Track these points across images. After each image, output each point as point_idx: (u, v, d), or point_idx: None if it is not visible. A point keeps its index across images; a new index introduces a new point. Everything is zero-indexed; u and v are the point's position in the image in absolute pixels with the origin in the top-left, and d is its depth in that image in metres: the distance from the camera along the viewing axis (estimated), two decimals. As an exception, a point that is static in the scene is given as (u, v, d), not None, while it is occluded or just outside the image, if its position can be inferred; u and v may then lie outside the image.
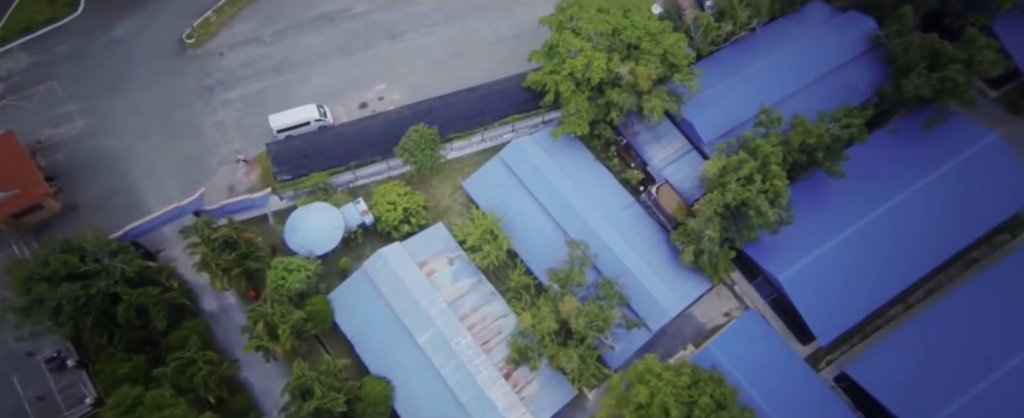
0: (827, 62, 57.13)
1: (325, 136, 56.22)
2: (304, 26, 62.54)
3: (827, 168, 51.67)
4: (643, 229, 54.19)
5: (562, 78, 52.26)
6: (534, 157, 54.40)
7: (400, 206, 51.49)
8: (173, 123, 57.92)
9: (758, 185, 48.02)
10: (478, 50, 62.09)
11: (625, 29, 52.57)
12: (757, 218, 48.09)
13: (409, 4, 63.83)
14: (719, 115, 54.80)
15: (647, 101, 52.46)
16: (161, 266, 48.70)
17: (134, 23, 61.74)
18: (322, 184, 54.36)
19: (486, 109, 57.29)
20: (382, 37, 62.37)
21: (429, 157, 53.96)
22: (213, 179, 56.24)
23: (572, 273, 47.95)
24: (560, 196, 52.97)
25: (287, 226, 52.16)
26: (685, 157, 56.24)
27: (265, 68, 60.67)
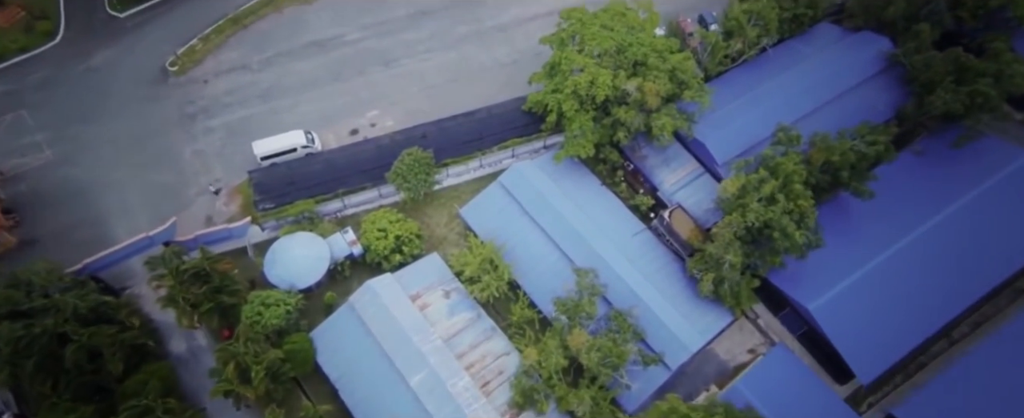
0: (842, 81, 52.86)
1: (312, 163, 51.08)
2: (294, 53, 58.36)
3: (853, 189, 46.48)
4: (656, 257, 48.43)
5: (565, 97, 47.60)
6: (536, 181, 49.16)
7: (391, 233, 45.82)
8: (149, 152, 52.79)
9: (782, 205, 42.68)
10: (475, 76, 57.79)
11: (630, 46, 48.30)
12: (782, 241, 42.53)
13: (404, 31, 59.92)
14: (732, 135, 49.99)
15: (656, 120, 47.69)
16: (121, 302, 42.65)
17: (114, 52, 57.49)
18: (307, 212, 48.82)
19: (484, 134, 52.46)
20: (375, 64, 58.14)
21: (423, 182, 48.63)
22: (190, 209, 50.70)
23: (581, 303, 41.92)
24: (565, 222, 47.45)
25: (267, 257, 46.34)
26: (698, 181, 51.05)
27: (251, 95, 56.09)
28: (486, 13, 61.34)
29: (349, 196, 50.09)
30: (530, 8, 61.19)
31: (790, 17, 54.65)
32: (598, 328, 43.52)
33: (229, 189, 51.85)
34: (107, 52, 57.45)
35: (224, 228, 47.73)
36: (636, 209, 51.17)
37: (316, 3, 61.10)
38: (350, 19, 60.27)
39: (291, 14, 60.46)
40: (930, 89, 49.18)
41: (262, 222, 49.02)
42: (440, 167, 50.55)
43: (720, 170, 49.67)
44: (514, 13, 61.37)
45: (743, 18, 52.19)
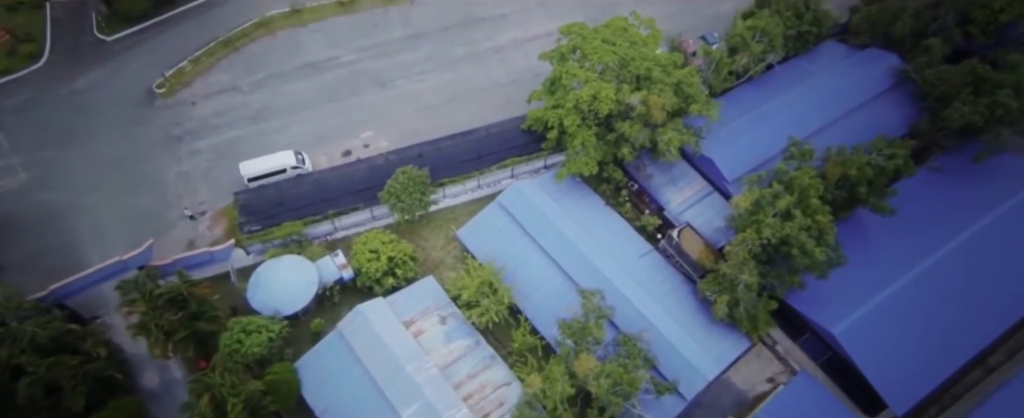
0: (852, 98, 50.44)
1: (302, 184, 47.90)
2: (287, 75, 55.85)
3: (872, 205, 43.38)
4: (666, 280, 44.86)
5: (566, 111, 44.88)
6: (537, 201, 45.95)
7: (384, 255, 42.28)
8: (130, 175, 49.56)
9: (799, 221, 39.43)
10: (473, 96, 55.22)
11: (633, 60, 45.87)
12: (802, 258, 39.14)
13: (399, 53, 57.65)
14: (742, 151, 47.12)
15: (661, 134, 44.92)
16: (88, 330, 38.57)
17: (99, 74, 54.88)
18: (296, 235, 45.39)
19: (482, 153, 49.53)
20: (370, 85, 55.61)
21: (418, 202, 45.32)
22: (171, 234, 47.20)
23: (588, 326, 38.13)
24: (568, 243, 44.04)
25: (251, 282, 42.66)
26: (706, 200, 47.92)
27: (240, 116, 53.27)
28: (483, 35, 59.26)
29: (340, 218, 46.74)
30: (529, 30, 59.18)
31: (795, 35, 52.55)
32: (606, 354, 39.66)
33: (214, 212, 48.48)
34: (92, 75, 54.82)
35: (205, 251, 44.12)
36: (642, 230, 47.87)
37: (310, 25, 58.96)
38: (345, 41, 58.06)
39: (284, 37, 58.23)
40: (946, 102, 46.68)
41: (247, 245, 45.47)
42: (436, 187, 47.37)
43: (730, 188, 46.61)
44: (512, 35, 59.32)
45: (747, 34, 49.99)
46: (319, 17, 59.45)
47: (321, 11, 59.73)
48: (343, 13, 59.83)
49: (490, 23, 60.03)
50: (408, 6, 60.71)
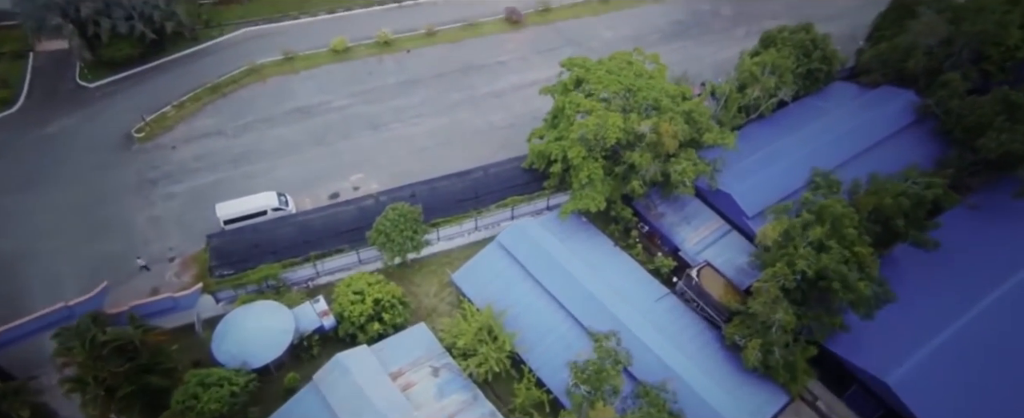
0: (872, 133, 46.86)
1: (283, 225, 43.03)
2: (275, 119, 52.36)
3: (913, 239, 38.61)
4: (687, 325, 39.16)
5: (571, 143, 40.82)
6: (541, 240, 40.99)
7: (369, 297, 36.73)
8: (95, 220, 44.75)
9: (837, 252, 34.47)
10: (469, 139, 51.51)
11: (640, 90, 42.37)
12: (844, 294, 33.85)
13: (394, 98, 54.55)
14: (760, 185, 42.79)
15: (674, 165, 40.72)
16: (11, 387, 32.10)
17: (75, 120, 51.38)
18: (272, 279, 39.97)
19: (480, 193, 45.05)
20: (362, 128, 52.02)
21: (410, 242, 40.31)
22: (133, 282, 41.69)
23: (605, 370, 32.08)
24: (577, 285, 38.69)
25: (217, 330, 36.90)
26: (725, 239, 43.06)
27: (222, 160, 49.18)
28: (481, 80, 56.53)
29: (323, 261, 41.50)
30: (527, 76, 56.53)
31: (804, 73, 49.67)
32: (624, 408, 33.42)
33: (184, 258, 43.21)
34: (67, 120, 51.24)
35: (168, 297, 38.52)
36: (656, 273, 42.61)
37: (302, 73, 56.29)
38: (337, 88, 55.13)
39: (275, 84, 55.32)
40: (978, 133, 43.00)
41: (217, 291, 39.90)
42: (430, 227, 42.49)
43: (750, 224, 41.85)
44: (510, 80, 56.63)
45: (756, 69, 47.01)
46: (312, 65, 56.90)
47: (314, 59, 57.26)
48: (337, 61, 57.36)
49: (488, 70, 57.49)
50: (404, 54, 58.36)
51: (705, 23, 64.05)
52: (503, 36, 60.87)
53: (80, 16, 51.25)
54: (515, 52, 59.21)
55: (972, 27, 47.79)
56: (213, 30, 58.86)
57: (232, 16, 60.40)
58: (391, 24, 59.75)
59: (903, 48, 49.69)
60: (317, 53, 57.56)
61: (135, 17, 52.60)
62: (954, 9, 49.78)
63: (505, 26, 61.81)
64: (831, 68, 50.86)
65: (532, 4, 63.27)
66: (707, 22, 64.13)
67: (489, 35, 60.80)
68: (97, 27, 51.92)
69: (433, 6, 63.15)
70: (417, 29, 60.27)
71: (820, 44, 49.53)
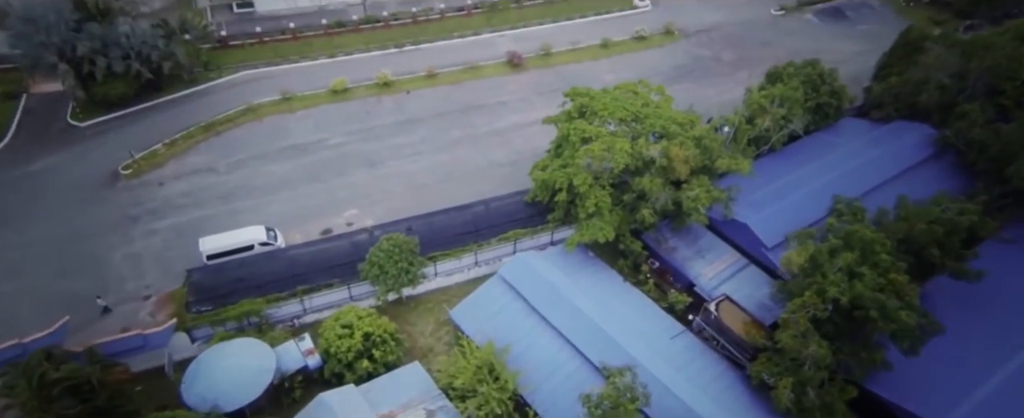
0: (890, 166, 44.58)
1: (270, 260, 39.93)
2: (269, 157, 50.09)
3: (952, 270, 35.30)
4: (707, 364, 35.26)
5: (576, 170, 38.27)
6: (546, 274, 37.66)
7: (359, 330, 33.01)
8: (69, 257, 41.55)
9: (871, 278, 31.18)
10: (470, 175, 49.02)
11: (648, 117, 40.36)
12: (884, 324, 30.28)
13: (392, 136, 52.54)
14: (778, 215, 39.91)
15: (687, 191, 37.96)
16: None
17: (61, 158, 49.03)
18: (255, 315, 36.35)
19: (480, 227, 42.06)
20: (358, 165, 49.66)
21: (406, 275, 36.96)
22: (102, 321, 37.92)
23: (621, 406, 28.02)
24: (586, 320, 35.10)
25: (189, 370, 33.08)
26: (743, 273, 39.75)
27: (211, 196, 46.50)
28: (481, 120, 54.72)
29: (311, 296, 37.96)
30: (528, 115, 54.63)
31: (813, 107, 47.83)
32: (645, 455, 29.12)
33: (160, 296, 39.68)
34: (53, 158, 48.89)
35: (137, 334, 34.74)
36: (670, 310, 39.00)
37: (299, 112, 54.54)
38: (335, 126, 53.21)
39: (271, 122, 53.43)
40: (1006, 161, 40.50)
41: (193, 328, 36.17)
42: (428, 259, 39.25)
43: (770, 256, 38.63)
44: (512, 120, 54.82)
45: (765, 101, 45.16)
46: (309, 104, 55.25)
47: (312, 99, 55.69)
48: (335, 101, 55.76)
49: (488, 109, 55.82)
50: (403, 95, 56.88)
51: (707, 67, 63.12)
52: (504, 78, 59.66)
53: (76, 55, 49.95)
54: (516, 93, 57.79)
55: (981, 63, 46.45)
56: (211, 72, 57.59)
57: (231, 60, 59.32)
58: (391, 67, 58.65)
59: (914, 82, 48.15)
60: (315, 94, 56.06)
61: (132, 56, 51.34)
62: (962, 45, 48.63)
63: (506, 69, 60.73)
64: (840, 103, 49.09)
65: (533, 49, 62.52)
66: (709, 66, 63.22)
67: (490, 77, 59.59)
68: (92, 65, 50.53)
69: (434, 51, 62.33)
70: (417, 72, 59.14)
71: (827, 78, 47.98)
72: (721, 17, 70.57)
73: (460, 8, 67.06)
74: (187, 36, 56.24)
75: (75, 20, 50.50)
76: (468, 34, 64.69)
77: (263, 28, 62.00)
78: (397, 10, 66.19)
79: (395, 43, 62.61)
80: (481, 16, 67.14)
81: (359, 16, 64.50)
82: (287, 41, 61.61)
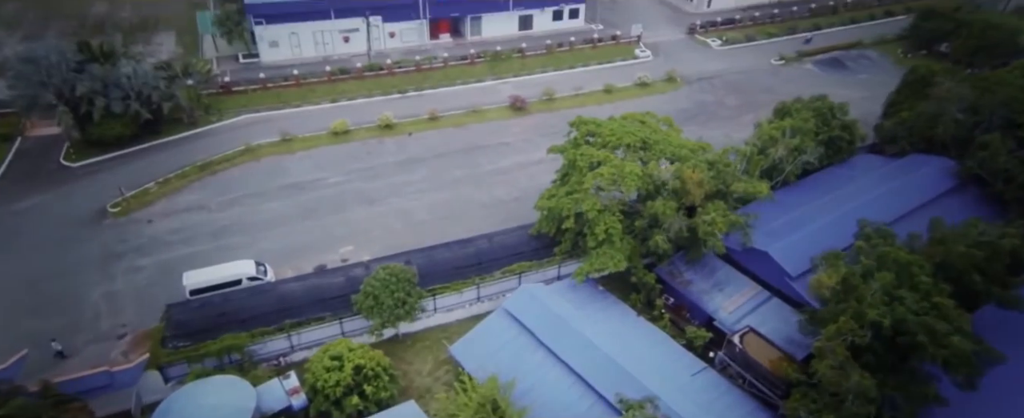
0: (912, 197, 42.07)
1: (258, 294, 36.75)
2: (265, 195, 47.94)
3: (998, 298, 32.00)
4: (734, 403, 31.39)
5: (584, 195, 35.83)
6: (554, 305, 34.41)
7: (350, 363, 29.48)
8: (44, 295, 38.53)
9: (912, 301, 28.06)
10: (472, 212, 46.59)
11: (657, 143, 38.35)
12: (935, 349, 26.83)
13: (392, 174, 50.57)
14: (801, 243, 36.98)
15: (702, 216, 35.27)
16: None
17: (49, 197, 46.90)
18: (237, 352, 32.86)
19: (483, 260, 39.15)
20: (357, 203, 47.37)
21: (402, 306, 33.74)
22: (69, 361, 34.41)
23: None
24: (599, 354, 31.59)
25: (158, 410, 29.30)
26: (765, 306, 36.36)
27: (201, 233, 43.91)
28: (485, 159, 52.92)
29: (300, 331, 34.53)
30: (532, 155, 52.93)
31: (825, 140, 45.92)
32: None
33: (136, 335, 36.18)
34: (40, 197, 46.72)
35: (102, 371, 31.14)
36: (689, 347, 35.40)
37: (299, 153, 52.87)
38: (334, 165, 51.39)
39: (270, 162, 51.65)
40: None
41: (168, 366, 32.59)
42: (428, 293, 36.10)
43: (795, 287, 35.40)
44: (515, 159, 53.03)
45: (776, 132, 43.31)
46: (309, 146, 53.67)
47: (312, 140, 54.18)
48: (335, 143, 54.22)
49: (492, 150, 54.16)
50: (405, 137, 55.39)
51: (711, 111, 62.01)
52: (507, 121, 58.41)
53: (75, 94, 48.74)
54: (519, 135, 56.32)
55: (994, 97, 45.01)
56: (212, 116, 56.40)
57: (233, 104, 58.30)
58: (394, 110, 57.57)
59: (928, 115, 46.54)
60: (316, 135, 54.62)
61: (132, 97, 50.15)
62: (974, 80, 47.44)
63: (509, 113, 59.60)
64: (853, 137, 47.24)
65: (536, 94, 61.68)
66: (713, 111, 62.13)
67: (493, 120, 58.37)
68: (90, 105, 49.23)
69: (437, 96, 61.50)
70: (420, 115, 57.99)
71: (838, 112, 46.36)
72: (722, 66, 70.37)
73: (463, 57, 66.85)
74: (190, 81, 55.43)
75: (77, 61, 49.64)
76: (471, 81, 64.15)
77: (266, 75, 61.43)
78: (401, 58, 65.99)
79: (398, 89, 61.87)
80: (484, 65, 66.82)
81: (363, 64, 64.14)
82: (290, 87, 60.85)
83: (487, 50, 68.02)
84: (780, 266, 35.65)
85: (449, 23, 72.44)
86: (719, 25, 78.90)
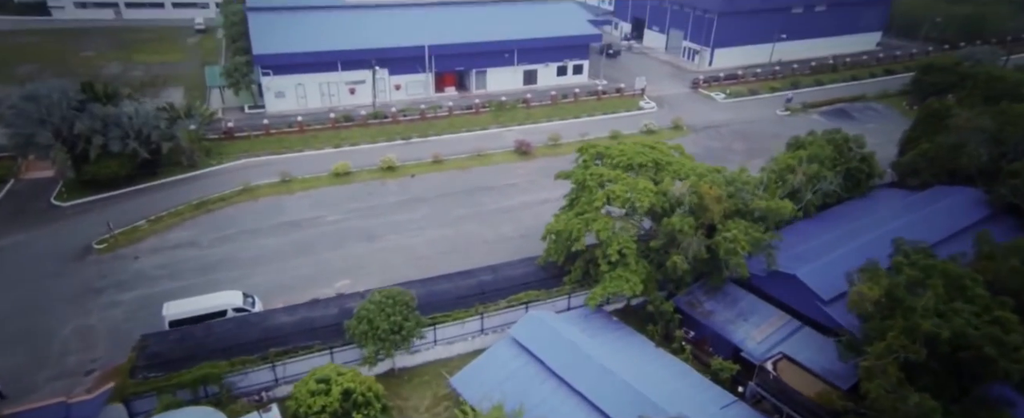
0: (947, 222, 39.28)
1: (243, 324, 33.56)
2: (260, 232, 45.68)
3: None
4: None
5: (595, 215, 33.41)
6: (566, 332, 31.11)
7: (338, 386, 25.98)
8: (7, 331, 35.41)
9: (968, 313, 24.92)
10: (475, 248, 43.96)
11: (669, 164, 36.37)
12: (1008, 364, 23.43)
13: (394, 213, 48.46)
14: (831, 267, 33.79)
15: (723, 232, 32.57)
16: None
17: (34, 235, 44.87)
18: (214, 382, 29.41)
19: (487, 292, 36.14)
20: (355, 239, 44.95)
21: (401, 332, 30.49)
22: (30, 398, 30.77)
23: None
24: (618, 381, 27.95)
25: (117, 444, 25.40)
26: (797, 336, 32.85)
27: (189, 269, 41.25)
28: (489, 199, 50.89)
29: (286, 361, 31.05)
30: (539, 195, 51.02)
31: (844, 172, 43.86)
32: None
33: (106, 369, 32.54)
34: (25, 235, 44.67)
35: (59, 402, 27.59)
36: (715, 380, 31.63)
37: (298, 193, 50.97)
38: (333, 205, 49.42)
39: (267, 202, 49.71)
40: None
41: (134, 398, 28.98)
42: (427, 321, 32.85)
43: (828, 312, 32.06)
44: (521, 199, 50.99)
45: (792, 160, 41.35)
46: (309, 186, 51.95)
47: (313, 181, 52.54)
48: (336, 184, 52.49)
49: (497, 191, 52.27)
50: (408, 179, 53.70)
51: (720, 157, 60.22)
52: (512, 165, 56.90)
53: (73, 132, 47.64)
54: (525, 176, 54.59)
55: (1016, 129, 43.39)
56: (212, 159, 55.10)
57: (235, 149, 57.19)
58: (397, 154, 56.25)
59: (951, 146, 44.61)
60: (316, 177, 53.01)
61: (131, 136, 49.04)
62: (992, 113, 46.00)
63: (515, 157, 58.23)
64: (871, 170, 45.15)
65: (542, 140, 60.57)
66: (722, 155, 60.46)
67: (498, 164, 56.89)
68: (88, 144, 48.03)
69: (441, 142, 60.41)
70: (424, 159, 56.61)
71: (853, 143, 44.58)
72: (728, 116, 69.75)
73: (468, 107, 66.45)
74: (193, 126, 54.53)
75: (79, 100, 48.94)
76: (476, 129, 63.33)
77: (270, 122, 60.75)
78: (406, 107, 65.59)
79: (402, 136, 60.97)
80: (489, 114, 66.30)
81: (367, 111, 63.62)
82: (293, 133, 59.99)
83: (492, 100, 67.72)
84: (811, 290, 32.45)
85: (454, 77, 72.79)
86: (722, 80, 79.15)
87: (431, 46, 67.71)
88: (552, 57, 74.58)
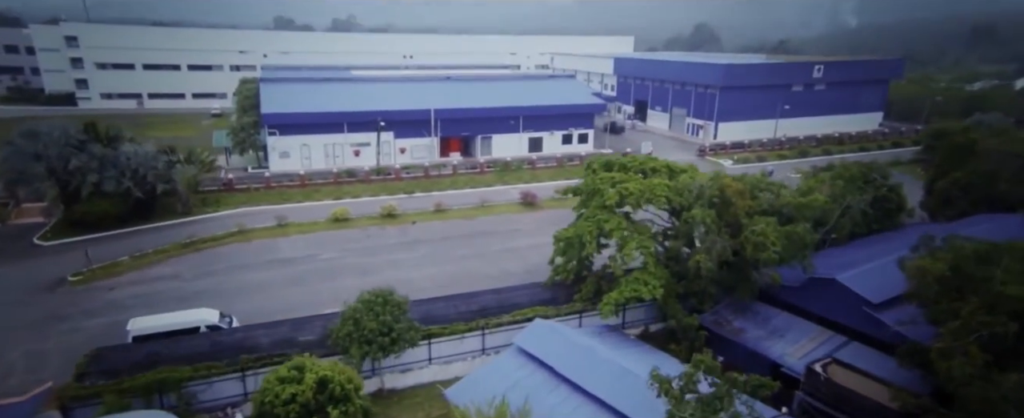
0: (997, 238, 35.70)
1: (214, 339, 29.63)
2: (249, 267, 42.57)
3: None
4: (838, 448, 22.34)
5: (607, 215, 30.57)
6: (577, 338, 27.11)
7: (312, 374, 21.87)
8: (-45, 353, 31.54)
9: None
10: (477, 283, 40.18)
11: (684, 171, 34.03)
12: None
13: (393, 253, 45.47)
14: (874, 274, 30.23)
15: (751, 226, 29.35)
16: None
17: (11, 269, 41.98)
18: (172, 390, 25.26)
19: (489, 315, 32.35)
20: (350, 274, 41.57)
21: (390, 334, 26.61)
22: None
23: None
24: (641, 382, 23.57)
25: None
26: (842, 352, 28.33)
27: (167, 299, 37.68)
28: (493, 241, 48.04)
29: (259, 370, 26.83)
30: (543, 239, 47.47)
31: (871, 200, 41.11)
32: None
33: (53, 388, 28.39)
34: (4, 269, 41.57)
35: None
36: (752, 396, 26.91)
37: (293, 236, 48.27)
38: (329, 245, 46.52)
39: (261, 244, 46.88)
40: None
41: (78, 406, 24.67)
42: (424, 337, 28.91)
43: (881, 318, 27.88)
44: (525, 241, 48.06)
45: (816, 182, 38.87)
46: (306, 231, 49.37)
47: (310, 226, 50.07)
48: (334, 229, 49.97)
49: (500, 235, 49.51)
50: (409, 226, 51.19)
51: (735, 209, 57.81)
52: (517, 215, 54.48)
53: (67, 168, 46.23)
54: (530, 224, 51.94)
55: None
56: (208, 207, 53.14)
57: (234, 201, 55.35)
58: (399, 204, 54.19)
59: (983, 173, 42.25)
60: (313, 222, 50.62)
61: (127, 175, 47.55)
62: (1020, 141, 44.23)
63: (520, 208, 56.00)
64: (900, 200, 42.40)
65: (548, 194, 58.57)
66: (737, 208, 57.95)
67: (503, 214, 54.53)
68: (81, 181, 46.43)
69: (444, 197, 58.40)
70: (426, 208, 54.43)
71: (878, 171, 42.27)
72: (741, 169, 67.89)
73: (473, 167, 65.30)
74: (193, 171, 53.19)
75: (79, 140, 48.02)
76: (481, 186, 61.65)
77: (271, 175, 59.48)
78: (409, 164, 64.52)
79: (405, 191, 59.25)
80: (493, 174, 64.99)
81: (370, 167, 62.48)
82: (294, 187, 58.48)
83: (497, 160, 66.75)
84: (855, 294, 28.57)
85: (459, 142, 72.51)
86: (728, 148, 78.52)
87: (437, 110, 68.02)
88: (557, 125, 74.70)
